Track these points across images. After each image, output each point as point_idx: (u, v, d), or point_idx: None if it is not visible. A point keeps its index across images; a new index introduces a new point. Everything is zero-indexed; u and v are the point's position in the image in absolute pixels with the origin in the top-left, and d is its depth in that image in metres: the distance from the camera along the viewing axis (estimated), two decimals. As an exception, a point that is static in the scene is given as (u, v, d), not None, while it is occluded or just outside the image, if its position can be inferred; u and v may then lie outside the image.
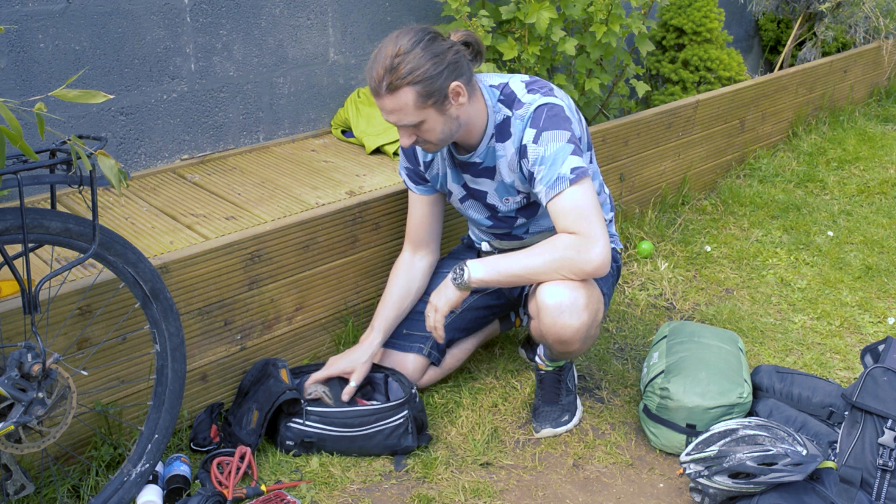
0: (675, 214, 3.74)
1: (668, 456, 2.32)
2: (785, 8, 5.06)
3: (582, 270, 2.03)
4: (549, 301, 2.06)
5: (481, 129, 2.14)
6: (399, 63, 1.93)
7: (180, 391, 2.04)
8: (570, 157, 2.04)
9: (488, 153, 2.18)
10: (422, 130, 2.04)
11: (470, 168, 2.24)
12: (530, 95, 2.11)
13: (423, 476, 2.19)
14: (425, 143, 2.09)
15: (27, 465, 2.01)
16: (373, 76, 1.97)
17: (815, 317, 3.01)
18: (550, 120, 2.07)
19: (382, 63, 1.95)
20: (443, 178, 2.33)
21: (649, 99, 4.19)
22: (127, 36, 2.73)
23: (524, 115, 2.10)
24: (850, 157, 4.48)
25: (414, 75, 1.94)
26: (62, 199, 2.66)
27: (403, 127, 2.04)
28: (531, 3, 3.03)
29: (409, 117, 1.99)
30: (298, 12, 3.15)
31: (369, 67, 1.99)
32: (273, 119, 3.21)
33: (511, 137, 2.14)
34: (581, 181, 2.04)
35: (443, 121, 2.03)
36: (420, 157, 2.32)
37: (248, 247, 2.31)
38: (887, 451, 1.97)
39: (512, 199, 2.26)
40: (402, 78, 1.93)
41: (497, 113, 2.14)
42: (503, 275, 2.08)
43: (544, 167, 2.06)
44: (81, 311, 2.00)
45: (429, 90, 1.96)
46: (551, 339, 2.13)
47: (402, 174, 2.40)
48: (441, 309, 2.14)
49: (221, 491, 2.04)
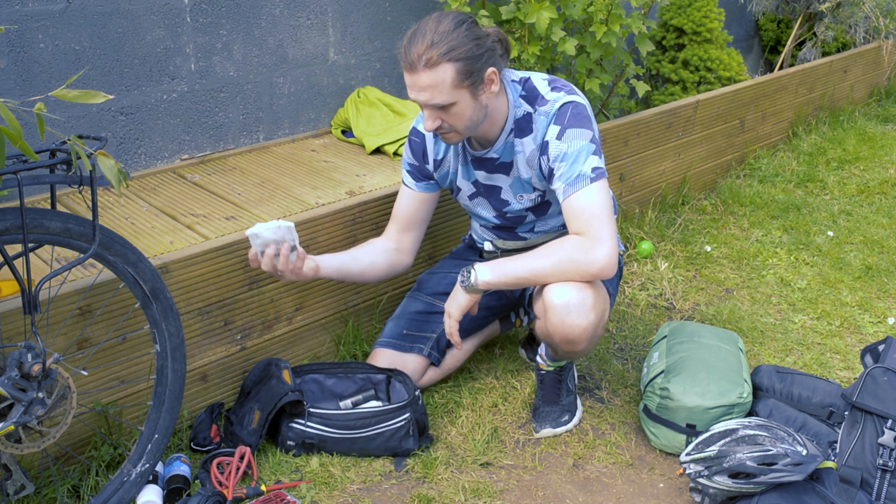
0: (675, 214, 3.74)
1: (668, 456, 2.32)
2: (785, 8, 5.06)
3: (587, 272, 2.03)
4: (557, 301, 2.06)
5: (501, 124, 2.14)
6: (441, 39, 1.93)
7: (180, 391, 2.04)
8: (591, 157, 2.06)
9: (506, 148, 2.18)
10: (450, 114, 2.02)
11: (485, 164, 2.23)
12: (554, 93, 2.12)
13: (423, 476, 2.19)
14: (450, 130, 2.07)
15: (27, 465, 2.01)
16: (411, 51, 1.95)
17: (815, 317, 3.01)
18: (575, 118, 2.08)
19: (423, 38, 1.94)
20: (452, 175, 2.32)
21: (649, 99, 4.19)
22: (127, 36, 2.73)
23: (549, 111, 2.10)
24: (850, 157, 4.48)
25: (456, 52, 1.94)
26: (62, 199, 2.66)
27: (431, 108, 2.01)
28: (531, 3, 3.03)
29: (443, 96, 1.98)
30: (298, 12, 3.15)
31: (406, 43, 1.97)
32: (273, 119, 3.21)
33: (532, 133, 2.14)
34: (599, 182, 2.05)
35: (473, 106, 2.03)
36: (431, 155, 2.30)
37: (248, 247, 2.30)
38: (887, 451, 1.97)
39: (527, 195, 2.25)
40: (444, 54, 1.93)
41: (518, 108, 2.14)
42: (510, 277, 2.09)
43: (565, 164, 2.06)
44: (81, 311, 2.00)
45: (468, 70, 1.96)
46: (558, 339, 2.13)
47: (403, 168, 2.38)
48: (454, 314, 2.15)
49: (221, 491, 2.04)
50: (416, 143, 2.32)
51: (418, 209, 2.37)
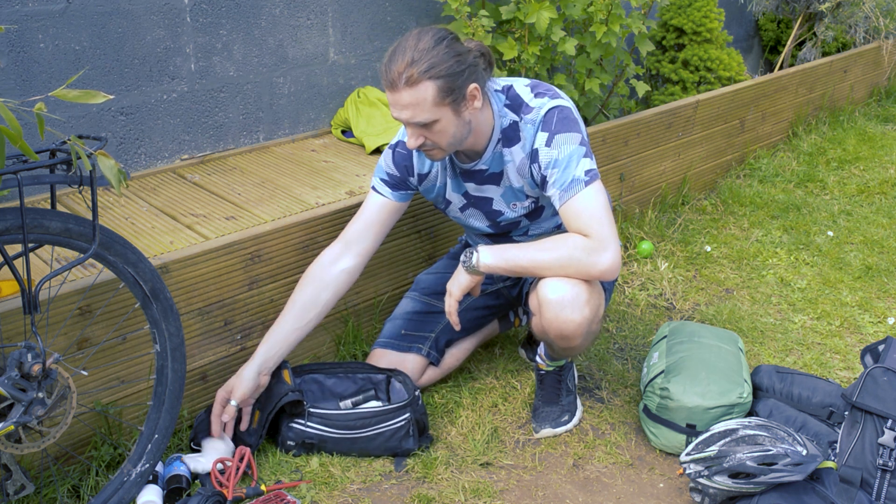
0: (675, 214, 3.74)
1: (668, 456, 2.32)
2: (785, 8, 5.06)
3: (588, 273, 2.03)
4: (552, 296, 2.06)
5: (487, 135, 2.12)
6: (422, 57, 1.92)
7: (180, 391, 2.04)
8: (583, 160, 2.05)
9: (494, 159, 2.17)
10: (433, 132, 2.00)
11: (474, 176, 2.22)
12: (538, 99, 2.11)
13: (423, 476, 2.19)
14: (433, 147, 2.05)
15: (27, 465, 2.01)
16: (391, 69, 1.94)
17: (815, 317, 3.01)
18: (562, 122, 2.07)
19: (404, 56, 1.93)
20: (440, 188, 2.29)
21: (649, 99, 4.19)
22: (127, 36, 2.73)
23: (535, 119, 2.09)
24: (850, 157, 4.48)
25: (436, 70, 1.92)
26: (62, 199, 2.66)
27: (414, 126, 2.00)
28: (531, 3, 3.03)
29: (424, 114, 1.96)
30: (298, 12, 3.15)
31: (387, 61, 1.96)
32: (273, 119, 3.21)
33: (520, 142, 2.12)
34: (594, 184, 2.05)
35: (456, 123, 2.01)
36: (416, 168, 2.26)
37: (248, 247, 2.31)
38: (887, 451, 1.97)
39: (520, 203, 2.24)
40: (425, 72, 1.92)
41: (503, 118, 2.13)
42: (510, 264, 2.08)
43: (558, 170, 2.05)
44: (81, 311, 2.00)
45: (449, 87, 1.95)
46: (553, 335, 2.12)
47: (378, 175, 2.29)
48: (455, 293, 2.14)
49: (221, 491, 2.04)
50: (401, 154, 2.26)
51: (388, 217, 2.29)
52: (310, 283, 2.24)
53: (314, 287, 2.23)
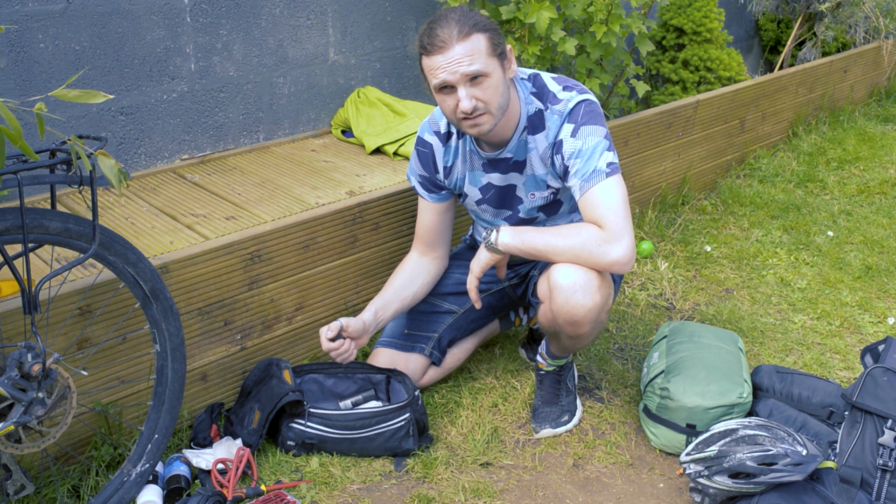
0: (675, 214, 3.74)
1: (668, 456, 2.32)
2: (785, 8, 5.06)
3: (598, 263, 2.05)
4: (563, 281, 2.07)
5: (515, 121, 2.15)
6: (465, 15, 2.02)
7: (180, 391, 2.04)
8: (606, 153, 2.08)
9: (519, 146, 2.19)
10: (484, 88, 2.02)
11: (499, 165, 2.24)
12: (566, 92, 2.14)
13: (423, 476, 2.19)
14: (484, 110, 2.04)
15: (27, 465, 2.01)
16: (438, 34, 1.99)
17: (815, 317, 3.01)
18: (588, 115, 2.11)
19: (447, 21, 2.01)
20: (460, 181, 2.32)
21: (649, 99, 4.19)
22: (127, 36, 2.74)
23: (562, 110, 2.12)
24: (850, 157, 4.48)
25: (484, 24, 2.03)
26: (62, 199, 2.66)
27: (467, 86, 2.01)
28: (531, 3, 3.03)
29: (481, 60, 2.00)
30: (298, 12, 3.15)
31: (428, 31, 2.02)
32: (273, 119, 3.21)
33: (544, 131, 2.15)
34: (615, 176, 2.07)
35: (503, 82, 2.06)
36: (440, 163, 2.30)
37: (248, 247, 2.31)
38: (887, 451, 1.97)
39: (539, 193, 2.26)
40: (474, 25, 2.00)
41: (530, 105, 2.16)
42: (527, 245, 2.12)
43: (580, 160, 2.08)
44: (81, 311, 2.00)
45: (496, 41, 2.04)
46: (563, 321, 2.13)
47: (412, 181, 2.37)
48: (475, 271, 2.20)
49: (221, 491, 2.04)
50: (424, 152, 2.31)
51: (440, 220, 2.39)
52: (407, 268, 2.40)
53: (411, 271, 2.40)
